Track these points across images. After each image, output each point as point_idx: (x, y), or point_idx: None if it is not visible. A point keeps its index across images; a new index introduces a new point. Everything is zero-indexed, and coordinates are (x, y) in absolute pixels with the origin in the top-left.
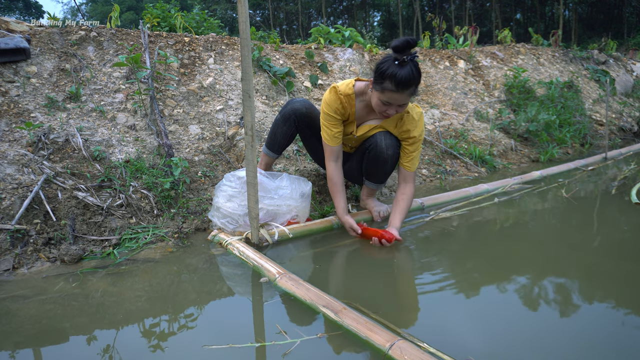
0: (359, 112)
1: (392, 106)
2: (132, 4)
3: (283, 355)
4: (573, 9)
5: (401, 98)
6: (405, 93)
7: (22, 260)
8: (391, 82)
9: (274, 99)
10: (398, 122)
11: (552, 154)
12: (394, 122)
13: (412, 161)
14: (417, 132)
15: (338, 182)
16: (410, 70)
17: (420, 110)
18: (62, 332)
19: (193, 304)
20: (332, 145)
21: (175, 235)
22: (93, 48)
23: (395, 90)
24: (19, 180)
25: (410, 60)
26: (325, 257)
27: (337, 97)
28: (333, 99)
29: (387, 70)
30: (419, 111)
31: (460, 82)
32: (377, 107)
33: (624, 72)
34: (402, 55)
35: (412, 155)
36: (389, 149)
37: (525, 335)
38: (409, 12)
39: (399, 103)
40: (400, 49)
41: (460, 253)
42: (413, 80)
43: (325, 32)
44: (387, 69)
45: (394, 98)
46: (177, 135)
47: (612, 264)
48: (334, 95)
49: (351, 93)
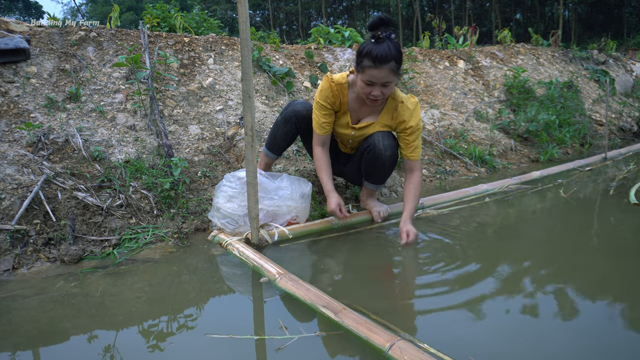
0: (352, 104)
1: (375, 86)
2: (132, 4)
3: (276, 349)
4: (573, 9)
5: (381, 74)
6: (384, 69)
7: (22, 261)
8: (369, 58)
9: (274, 99)
10: (394, 114)
11: (552, 154)
12: (389, 114)
13: (414, 150)
14: (413, 122)
15: (325, 161)
16: (387, 45)
17: (415, 100)
18: (62, 332)
19: (193, 304)
20: (319, 133)
21: (175, 236)
22: (93, 48)
23: (373, 66)
24: (18, 180)
25: (386, 37)
26: (325, 257)
27: (329, 85)
28: (325, 87)
29: (365, 49)
30: (414, 101)
31: (460, 82)
32: (362, 90)
33: (624, 72)
34: (377, 32)
35: (413, 145)
36: (387, 150)
37: (525, 336)
38: (409, 12)
39: (381, 81)
40: (375, 27)
41: (460, 253)
42: (390, 54)
43: (325, 32)
44: (364, 48)
45: (374, 75)
46: (176, 135)
47: (611, 264)
48: (326, 84)
49: (344, 82)
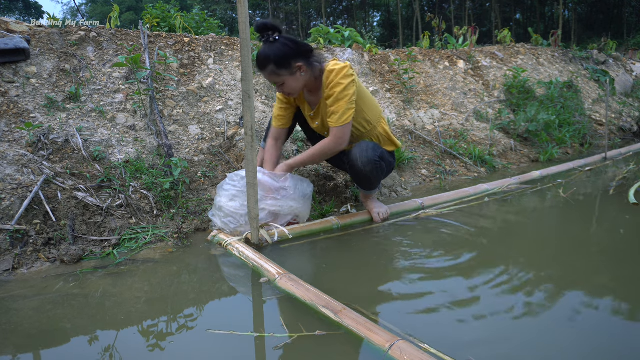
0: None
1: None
2: (132, 5)
3: (274, 348)
4: (573, 9)
5: (267, 77)
6: (265, 72)
7: (22, 261)
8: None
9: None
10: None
11: (552, 154)
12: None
13: (332, 116)
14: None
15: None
16: (263, 50)
17: (339, 66)
18: (62, 332)
19: (193, 304)
20: (273, 125)
21: (175, 236)
22: (93, 48)
23: (259, 70)
24: (18, 180)
25: (265, 41)
26: (325, 257)
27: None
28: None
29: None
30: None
31: (459, 82)
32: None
33: (624, 72)
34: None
35: (331, 110)
36: (366, 167)
37: (525, 336)
38: (409, 12)
39: (271, 81)
40: (259, 31)
41: (460, 253)
42: (265, 58)
43: (325, 32)
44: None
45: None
46: (176, 135)
47: (611, 264)
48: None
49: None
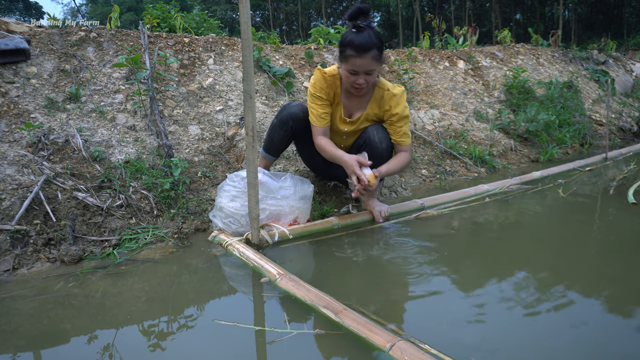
0: (344, 95)
1: (360, 75)
2: (132, 5)
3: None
4: (573, 9)
5: (364, 63)
6: (366, 57)
7: (22, 261)
8: (351, 48)
9: (274, 99)
10: (380, 102)
11: (552, 154)
12: (376, 103)
13: (403, 136)
14: (399, 109)
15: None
16: (368, 34)
17: (401, 88)
18: (62, 333)
19: (193, 304)
20: (319, 125)
21: (175, 236)
22: (93, 49)
23: (356, 55)
24: (18, 180)
25: (366, 25)
26: (325, 257)
27: (322, 76)
28: (318, 78)
29: (347, 39)
30: (400, 89)
31: (459, 83)
32: (347, 79)
33: (624, 72)
34: (357, 22)
35: (401, 131)
36: (382, 142)
37: (526, 336)
38: (409, 12)
39: (364, 69)
40: (354, 16)
41: (460, 253)
42: (372, 42)
43: (325, 32)
44: (346, 38)
45: (358, 64)
46: (176, 135)
47: (611, 264)
48: (319, 75)
49: (336, 74)
